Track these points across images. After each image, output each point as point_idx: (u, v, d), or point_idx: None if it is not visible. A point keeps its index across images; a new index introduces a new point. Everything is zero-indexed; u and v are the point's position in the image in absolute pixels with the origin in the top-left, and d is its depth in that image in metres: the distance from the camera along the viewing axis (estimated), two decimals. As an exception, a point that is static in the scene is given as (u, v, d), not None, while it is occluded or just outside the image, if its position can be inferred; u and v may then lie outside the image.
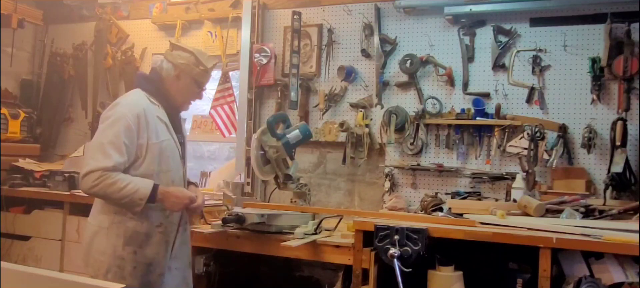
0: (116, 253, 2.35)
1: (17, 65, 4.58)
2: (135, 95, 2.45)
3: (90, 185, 2.28)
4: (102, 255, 2.36)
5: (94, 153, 2.32)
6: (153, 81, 2.50)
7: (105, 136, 2.32)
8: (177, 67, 2.48)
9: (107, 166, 2.27)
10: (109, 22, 4.49)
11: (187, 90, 2.53)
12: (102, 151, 2.29)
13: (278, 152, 2.92)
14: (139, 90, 2.47)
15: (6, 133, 4.20)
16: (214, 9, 4.15)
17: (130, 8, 4.53)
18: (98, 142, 2.33)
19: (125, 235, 2.37)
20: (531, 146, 3.17)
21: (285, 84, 3.82)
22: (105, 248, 2.36)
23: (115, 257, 2.35)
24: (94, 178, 2.26)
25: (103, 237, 2.37)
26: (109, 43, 4.49)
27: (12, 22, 4.19)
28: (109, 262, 2.35)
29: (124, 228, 2.37)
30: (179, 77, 2.48)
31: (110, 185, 2.28)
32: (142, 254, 2.40)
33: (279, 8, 3.99)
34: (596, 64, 3.11)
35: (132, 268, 2.37)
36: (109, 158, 2.28)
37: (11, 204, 3.89)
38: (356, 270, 2.63)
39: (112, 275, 2.33)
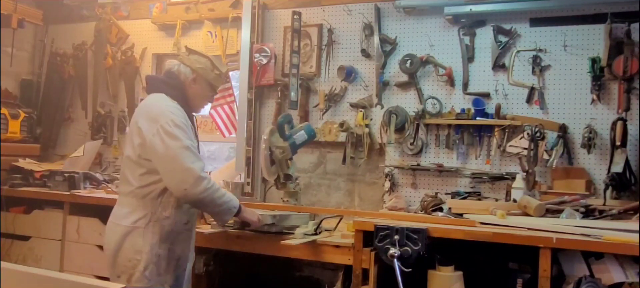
0: (153, 251, 2.43)
1: (17, 65, 4.58)
2: (169, 101, 2.49)
3: (202, 189, 2.35)
4: (137, 254, 2.41)
5: (189, 157, 2.34)
6: (176, 86, 2.55)
7: (184, 140, 2.36)
8: (194, 71, 2.57)
9: (207, 172, 2.40)
10: (109, 22, 4.49)
11: (203, 93, 2.63)
12: (195, 156, 2.39)
13: (284, 153, 2.97)
14: (164, 94, 2.51)
15: (6, 133, 4.20)
16: (214, 9, 4.15)
17: (130, 8, 4.53)
18: (183, 146, 2.35)
19: (161, 233, 2.45)
20: (531, 146, 3.17)
21: (285, 84, 3.82)
22: (142, 247, 2.41)
23: (153, 254, 2.43)
24: (206, 184, 2.36)
25: (138, 237, 2.42)
26: (109, 43, 4.49)
27: (12, 22, 4.19)
28: (146, 260, 2.42)
29: (159, 226, 2.44)
30: (195, 81, 2.58)
31: (216, 190, 2.43)
32: (174, 250, 2.51)
33: (279, 8, 3.99)
34: (596, 64, 3.11)
35: (166, 264, 2.48)
36: (202, 163, 2.40)
37: (11, 204, 3.89)
38: (356, 270, 2.63)
39: (149, 271, 2.42)
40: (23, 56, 4.72)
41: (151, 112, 2.43)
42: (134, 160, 2.44)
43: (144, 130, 2.39)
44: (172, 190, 2.40)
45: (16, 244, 3.78)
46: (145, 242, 2.42)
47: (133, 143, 2.45)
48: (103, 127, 4.47)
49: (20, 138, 4.32)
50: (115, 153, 4.45)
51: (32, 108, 4.56)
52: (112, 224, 2.50)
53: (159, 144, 2.34)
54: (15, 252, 3.77)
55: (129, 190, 2.46)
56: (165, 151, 2.34)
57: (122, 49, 4.47)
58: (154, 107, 2.46)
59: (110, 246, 2.47)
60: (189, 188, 2.34)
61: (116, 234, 2.45)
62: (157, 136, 2.35)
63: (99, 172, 4.13)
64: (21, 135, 4.32)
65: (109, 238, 2.49)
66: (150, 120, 2.40)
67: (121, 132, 4.45)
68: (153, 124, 2.38)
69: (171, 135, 2.35)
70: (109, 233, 2.49)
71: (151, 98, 2.54)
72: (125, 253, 2.43)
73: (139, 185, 2.43)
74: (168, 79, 2.58)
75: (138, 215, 2.44)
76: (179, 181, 2.35)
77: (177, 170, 2.34)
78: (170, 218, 2.47)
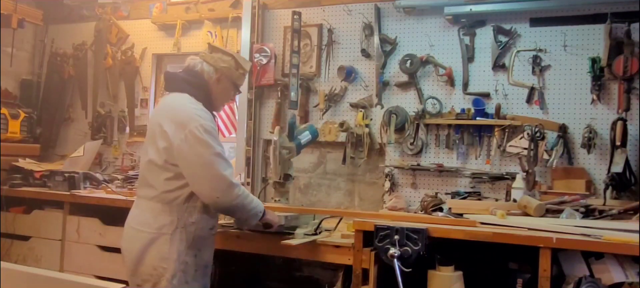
0: (180, 258, 2.35)
1: (17, 65, 4.58)
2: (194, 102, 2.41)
3: (234, 196, 2.33)
4: (164, 262, 2.33)
5: (221, 164, 2.31)
6: (199, 85, 2.47)
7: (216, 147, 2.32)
8: (218, 70, 2.50)
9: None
10: (109, 22, 4.50)
11: (226, 93, 2.58)
12: (226, 162, 2.34)
13: (290, 153, 2.98)
14: (187, 95, 2.43)
15: (6, 133, 4.20)
16: (214, 9, 4.15)
17: (130, 8, 4.53)
18: (214, 152, 2.31)
19: (188, 239, 2.38)
20: (531, 146, 3.17)
21: (285, 84, 3.82)
22: (169, 254, 2.34)
23: (180, 262, 2.35)
24: (238, 190, 2.34)
25: (165, 243, 2.34)
26: (109, 43, 4.49)
27: (12, 22, 4.19)
28: (173, 268, 2.34)
29: (186, 232, 2.37)
30: (219, 81, 2.51)
31: (246, 197, 2.40)
32: (201, 257, 2.45)
33: (279, 8, 3.99)
34: (596, 64, 3.11)
35: (193, 271, 2.41)
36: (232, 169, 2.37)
37: (11, 204, 3.89)
38: (356, 270, 2.63)
39: (177, 280, 2.34)
40: (23, 56, 4.72)
41: (178, 116, 2.34)
42: (158, 165, 2.35)
43: (171, 135, 2.30)
44: (203, 197, 2.35)
45: (16, 244, 3.78)
46: (172, 249, 2.34)
47: (157, 146, 2.35)
48: (103, 127, 4.47)
49: (20, 138, 4.32)
50: (115, 153, 4.45)
51: (32, 108, 4.56)
52: (133, 230, 2.40)
53: (189, 150, 2.28)
54: (15, 252, 3.77)
55: (153, 194, 2.37)
56: (196, 158, 2.28)
57: (122, 49, 4.48)
58: (180, 110, 2.37)
59: (133, 253, 2.37)
60: (221, 196, 2.31)
61: (139, 241, 2.35)
62: (186, 142, 2.28)
63: (99, 172, 4.13)
64: (21, 135, 4.32)
65: (130, 245, 2.38)
66: (177, 124, 2.31)
67: (121, 132, 4.46)
68: (181, 129, 2.30)
69: (202, 141, 2.28)
70: (131, 240, 2.39)
71: (174, 98, 2.45)
72: (151, 261, 2.34)
73: (165, 190, 2.35)
74: (191, 78, 2.47)
75: (163, 221, 2.35)
76: (211, 189, 2.30)
77: (208, 177, 2.29)
78: (196, 223, 2.40)
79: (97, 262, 3.47)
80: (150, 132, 2.46)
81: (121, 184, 3.83)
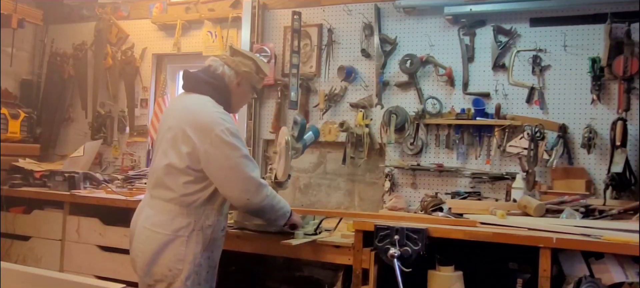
0: (195, 260, 2.37)
1: (17, 65, 4.58)
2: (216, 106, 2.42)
3: (263, 197, 2.38)
4: (179, 263, 2.34)
5: (249, 165, 2.35)
6: (220, 89, 2.48)
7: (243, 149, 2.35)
8: (239, 74, 2.51)
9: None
10: (109, 22, 4.50)
11: (245, 96, 2.61)
12: (253, 164, 2.38)
13: (297, 153, 2.98)
14: (209, 97, 2.43)
15: (6, 133, 4.20)
16: (214, 9, 4.15)
17: (130, 8, 4.53)
18: (242, 154, 2.34)
19: (203, 241, 2.40)
20: (531, 146, 3.17)
21: (285, 84, 3.82)
22: (185, 256, 2.34)
23: (195, 263, 2.37)
24: (267, 191, 2.39)
25: (181, 245, 2.34)
26: (109, 43, 4.50)
27: (12, 22, 4.19)
28: (189, 269, 2.35)
29: (202, 235, 2.39)
30: (239, 84, 2.52)
31: (274, 197, 2.45)
32: (213, 258, 2.49)
33: (279, 8, 3.99)
34: (596, 64, 3.11)
35: (206, 273, 2.43)
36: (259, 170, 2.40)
37: (11, 204, 3.89)
38: (356, 270, 2.63)
39: (191, 281, 2.36)
40: (23, 56, 4.72)
41: (202, 120, 2.34)
42: (179, 168, 2.34)
43: (196, 140, 2.30)
44: (233, 200, 2.38)
45: (16, 244, 3.78)
46: (189, 251, 2.34)
47: (179, 151, 2.34)
48: (103, 127, 4.47)
49: (20, 138, 4.31)
50: (115, 153, 4.45)
51: (32, 108, 4.56)
52: (147, 231, 2.37)
53: (217, 154, 2.29)
54: (15, 252, 3.77)
55: (170, 196, 2.36)
56: (225, 162, 2.30)
57: (122, 49, 4.48)
58: (204, 113, 2.36)
59: (147, 254, 2.35)
60: (251, 197, 2.34)
61: (155, 242, 2.34)
62: (213, 146, 2.29)
63: (99, 172, 4.13)
64: (21, 135, 4.32)
65: (144, 246, 2.37)
66: (202, 129, 2.31)
67: (121, 132, 4.46)
68: (206, 133, 2.30)
69: (229, 144, 2.30)
70: (145, 241, 2.37)
71: (195, 101, 2.43)
72: (166, 262, 2.34)
73: (183, 193, 2.35)
74: (213, 80, 2.47)
75: (181, 224, 2.35)
76: (240, 191, 2.33)
77: (238, 180, 2.32)
78: (213, 226, 2.42)
79: (97, 262, 3.47)
80: (171, 135, 2.40)
81: (121, 184, 3.83)
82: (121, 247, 3.41)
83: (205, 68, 2.54)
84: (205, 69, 2.53)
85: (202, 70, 2.53)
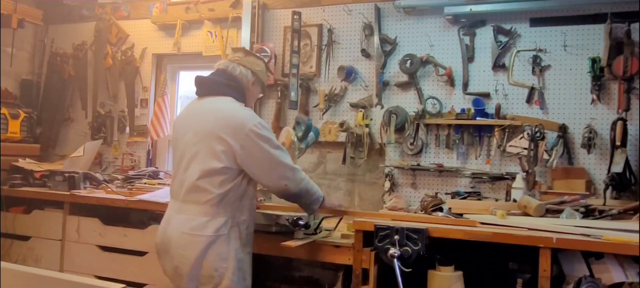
0: (237, 256, 2.43)
1: (17, 65, 4.58)
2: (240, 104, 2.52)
3: (299, 180, 2.50)
4: (224, 262, 2.39)
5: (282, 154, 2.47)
6: (239, 89, 2.56)
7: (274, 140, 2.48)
8: (254, 73, 2.62)
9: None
10: (109, 22, 4.50)
11: (256, 94, 2.71)
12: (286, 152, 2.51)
13: (300, 153, 3.03)
14: (231, 98, 2.51)
15: (6, 133, 4.20)
16: (214, 9, 4.16)
17: (130, 8, 4.53)
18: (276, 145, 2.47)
19: (241, 237, 2.47)
20: (531, 146, 3.17)
21: (285, 84, 3.82)
22: (227, 254, 2.40)
23: (237, 260, 2.42)
24: (302, 174, 2.52)
25: (223, 244, 2.39)
26: (109, 43, 4.50)
27: (12, 22, 4.19)
28: (232, 266, 2.40)
29: (238, 231, 2.45)
30: (254, 83, 2.63)
31: (309, 181, 2.56)
32: (250, 252, 2.55)
33: (279, 8, 4.00)
34: (596, 64, 3.11)
35: (247, 267, 2.51)
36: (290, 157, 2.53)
37: (11, 204, 3.89)
38: (356, 270, 2.63)
39: (237, 278, 2.42)
40: (23, 56, 4.72)
41: (233, 119, 2.42)
42: (216, 169, 2.38)
43: (229, 138, 2.37)
44: (272, 188, 2.49)
45: (16, 244, 3.78)
46: (230, 248, 2.40)
47: (214, 152, 2.38)
48: (103, 127, 4.47)
49: (20, 138, 4.32)
50: (115, 153, 4.45)
51: (32, 108, 4.56)
52: (188, 236, 2.38)
53: (254, 148, 2.38)
54: (15, 252, 3.77)
55: (207, 198, 2.39)
56: (262, 154, 2.40)
57: (122, 49, 4.48)
58: (233, 113, 2.44)
59: (191, 259, 2.37)
60: (289, 182, 2.46)
61: (198, 245, 2.36)
62: (249, 141, 2.38)
63: (99, 172, 4.13)
64: (21, 135, 4.32)
65: (187, 251, 2.38)
66: (235, 127, 2.39)
67: (121, 132, 4.46)
68: (239, 130, 2.38)
69: (264, 137, 2.41)
70: (187, 246, 2.38)
71: (221, 103, 2.49)
72: (211, 263, 2.37)
73: (220, 192, 2.39)
74: (231, 82, 2.55)
75: (220, 223, 2.39)
76: (279, 178, 2.45)
77: (276, 168, 2.43)
78: (247, 221, 2.50)
79: (97, 262, 3.47)
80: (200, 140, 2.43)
81: (121, 184, 3.83)
82: (121, 247, 3.41)
83: (219, 71, 2.60)
84: (221, 72, 2.59)
85: (217, 74, 2.60)
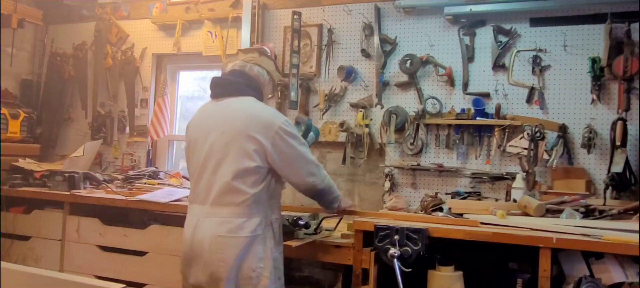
0: (272, 255, 2.44)
1: (17, 65, 4.58)
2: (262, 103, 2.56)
3: (324, 176, 2.56)
4: (261, 262, 2.39)
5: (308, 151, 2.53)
6: (257, 88, 2.60)
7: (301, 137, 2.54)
8: (269, 72, 2.66)
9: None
10: (109, 22, 4.50)
11: (269, 93, 2.75)
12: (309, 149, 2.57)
13: None
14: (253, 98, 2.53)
15: (6, 133, 4.20)
16: (214, 9, 4.16)
17: (130, 8, 4.53)
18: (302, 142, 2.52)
19: (275, 236, 2.48)
20: (531, 146, 3.17)
21: (285, 83, 3.82)
22: (264, 253, 2.40)
23: (273, 258, 2.43)
24: (325, 172, 2.58)
25: (259, 244, 2.39)
26: (109, 43, 4.50)
27: (12, 22, 4.19)
28: (269, 265, 2.41)
29: (271, 229, 2.46)
30: (268, 82, 2.67)
31: (330, 179, 2.61)
32: (282, 251, 2.55)
33: (279, 8, 4.00)
34: (596, 64, 3.11)
35: (281, 265, 2.51)
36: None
37: (11, 204, 3.89)
38: (356, 270, 2.63)
39: (273, 275, 2.42)
40: (23, 56, 4.72)
41: (262, 118, 2.43)
42: (250, 169, 2.37)
43: (260, 137, 2.38)
44: (299, 184, 2.52)
45: (16, 244, 3.78)
46: (266, 247, 2.41)
47: (247, 152, 2.37)
48: (103, 127, 4.47)
49: (20, 138, 4.31)
50: (115, 153, 4.45)
51: (32, 108, 4.56)
52: (225, 239, 2.36)
53: (284, 145, 2.41)
54: (15, 252, 3.77)
55: (242, 199, 2.37)
56: (291, 151, 2.43)
57: (122, 49, 4.48)
58: (260, 112, 2.46)
59: (229, 262, 2.34)
60: (315, 179, 2.51)
61: (237, 247, 2.35)
62: (279, 138, 2.40)
63: (99, 172, 4.13)
64: (21, 135, 4.32)
65: (225, 254, 2.35)
66: (265, 126, 2.40)
67: (121, 132, 4.45)
68: (269, 128, 2.40)
69: (291, 134, 2.45)
70: (225, 249, 2.35)
71: (246, 103, 2.49)
72: (249, 264, 2.37)
73: (253, 192, 2.38)
74: (251, 82, 2.57)
75: (255, 223, 2.39)
76: (307, 174, 2.49)
77: (303, 165, 2.48)
78: (278, 219, 2.53)
79: (97, 262, 3.47)
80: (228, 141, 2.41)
81: (121, 184, 3.83)
82: (121, 247, 3.41)
83: (236, 72, 2.59)
84: (239, 73, 2.59)
85: (235, 75, 2.59)
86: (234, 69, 2.61)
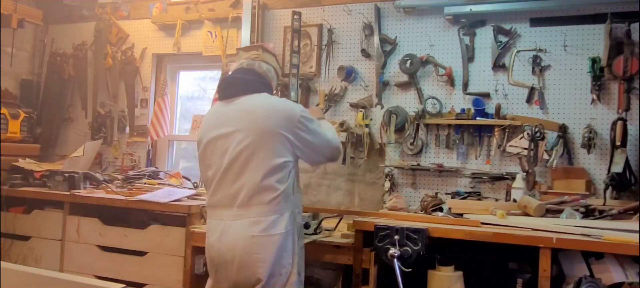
0: (296, 249, 2.43)
1: (17, 65, 4.58)
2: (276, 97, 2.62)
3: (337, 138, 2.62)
4: (290, 257, 2.38)
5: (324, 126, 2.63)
6: (267, 84, 2.60)
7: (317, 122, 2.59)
8: (274, 69, 2.70)
9: None
10: (109, 22, 4.50)
11: (274, 90, 2.73)
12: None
13: None
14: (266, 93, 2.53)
15: (6, 133, 4.20)
16: (214, 9, 4.16)
17: (130, 8, 4.53)
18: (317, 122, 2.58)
19: (299, 231, 2.49)
20: (531, 146, 3.17)
21: (285, 83, 3.81)
22: (292, 249, 2.39)
23: (299, 255, 2.45)
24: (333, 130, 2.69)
25: (288, 240, 2.37)
26: (109, 43, 4.50)
27: (12, 22, 4.19)
28: (298, 261, 2.42)
29: (296, 223, 2.45)
30: (275, 78, 2.70)
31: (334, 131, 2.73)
32: (302, 245, 2.54)
33: (279, 8, 3.99)
34: (596, 64, 3.11)
35: (302, 259, 2.50)
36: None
37: (11, 204, 3.89)
38: (356, 270, 2.63)
39: (299, 270, 2.42)
40: (23, 56, 4.72)
41: (283, 111, 2.43)
42: (279, 165, 2.35)
43: (285, 131, 2.38)
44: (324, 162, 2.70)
45: (16, 244, 3.78)
46: (293, 243, 2.40)
47: (274, 148, 2.35)
48: (103, 127, 4.47)
49: (20, 138, 4.31)
50: (115, 153, 4.45)
51: (32, 108, 4.56)
52: (262, 238, 2.31)
53: (307, 133, 2.44)
54: (15, 252, 3.77)
55: (272, 196, 2.33)
56: (314, 137, 2.47)
57: (122, 49, 4.48)
58: (279, 105, 2.47)
59: (269, 260, 2.30)
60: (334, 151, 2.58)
61: (274, 245, 2.32)
62: (302, 127, 2.42)
63: (99, 172, 4.13)
64: (21, 135, 4.32)
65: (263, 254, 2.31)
66: (287, 118, 2.41)
67: (121, 132, 4.45)
68: (291, 120, 2.41)
69: (312, 121, 2.49)
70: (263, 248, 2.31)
71: (263, 99, 2.47)
72: (281, 261, 2.34)
73: (283, 189, 2.36)
74: (261, 78, 2.59)
75: (286, 219, 2.36)
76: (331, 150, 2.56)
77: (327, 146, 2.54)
78: (300, 212, 2.51)
79: (97, 262, 3.47)
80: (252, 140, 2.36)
81: (121, 184, 3.83)
82: (121, 247, 3.41)
83: (246, 70, 2.58)
84: (248, 71, 2.58)
85: (245, 72, 2.57)
86: (242, 67, 2.59)
